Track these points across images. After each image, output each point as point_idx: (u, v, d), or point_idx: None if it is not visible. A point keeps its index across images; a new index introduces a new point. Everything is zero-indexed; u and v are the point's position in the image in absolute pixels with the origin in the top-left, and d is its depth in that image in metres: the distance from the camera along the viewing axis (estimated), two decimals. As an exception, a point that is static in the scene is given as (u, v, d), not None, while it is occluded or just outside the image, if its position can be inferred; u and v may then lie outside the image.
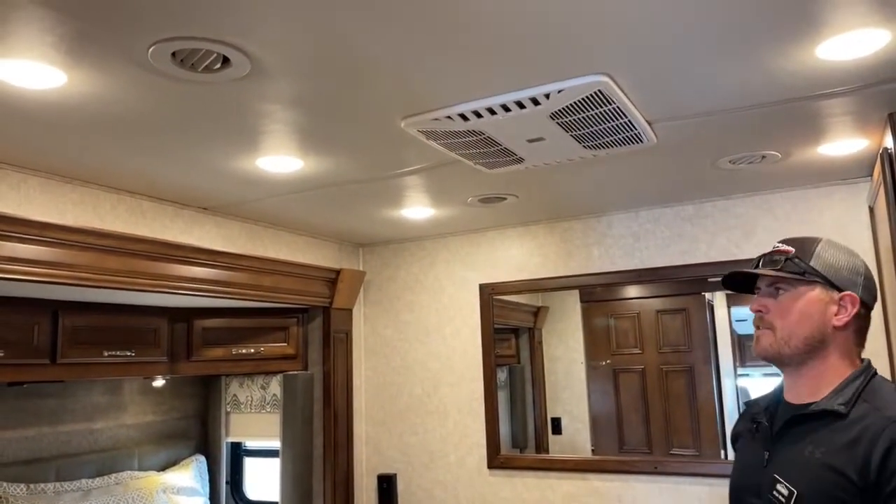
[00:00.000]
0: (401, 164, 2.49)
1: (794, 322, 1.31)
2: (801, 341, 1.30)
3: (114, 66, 1.61)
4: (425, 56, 1.63)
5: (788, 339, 1.31)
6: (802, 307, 1.30)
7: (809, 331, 1.30)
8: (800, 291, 1.31)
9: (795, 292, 1.32)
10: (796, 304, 1.31)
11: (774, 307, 1.34)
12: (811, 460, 1.24)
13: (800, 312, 1.31)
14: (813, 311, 1.30)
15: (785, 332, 1.32)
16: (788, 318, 1.31)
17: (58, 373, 2.71)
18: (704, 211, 3.24)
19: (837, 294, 1.30)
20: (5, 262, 2.09)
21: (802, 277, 1.31)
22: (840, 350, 1.31)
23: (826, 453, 1.22)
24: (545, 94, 1.85)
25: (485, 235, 3.77)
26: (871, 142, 2.40)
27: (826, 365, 1.31)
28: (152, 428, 3.46)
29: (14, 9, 1.34)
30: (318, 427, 3.52)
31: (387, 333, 4.00)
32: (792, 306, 1.31)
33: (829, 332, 1.30)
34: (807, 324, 1.30)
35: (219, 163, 2.37)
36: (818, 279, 1.30)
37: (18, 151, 2.18)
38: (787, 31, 1.57)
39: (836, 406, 1.25)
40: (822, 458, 1.23)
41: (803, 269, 1.31)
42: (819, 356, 1.31)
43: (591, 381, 4.50)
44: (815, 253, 1.32)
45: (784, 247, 1.35)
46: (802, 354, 1.31)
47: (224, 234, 3.14)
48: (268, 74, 1.69)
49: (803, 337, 1.30)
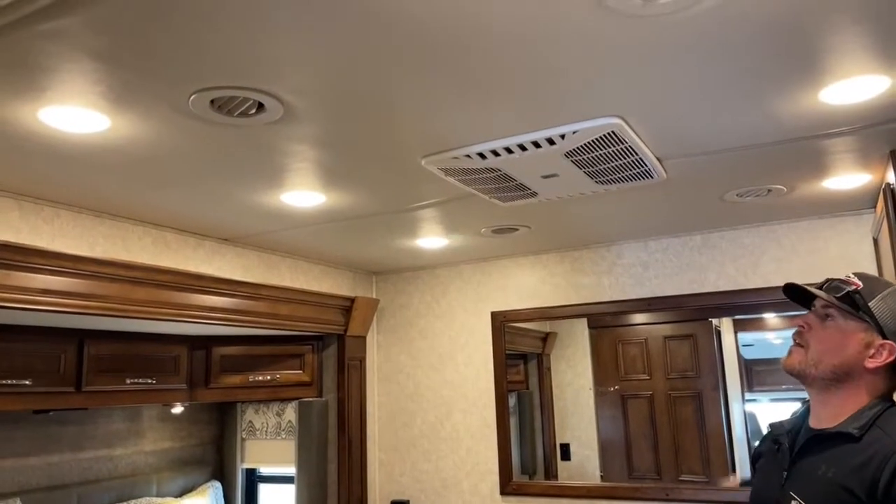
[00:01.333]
0: (419, 198, 2.58)
1: (829, 350, 1.37)
2: (829, 368, 1.36)
3: (155, 113, 1.71)
4: (447, 100, 1.72)
5: (818, 362, 1.38)
6: (842, 339, 1.36)
7: (840, 361, 1.36)
8: (847, 325, 1.37)
9: (843, 324, 1.37)
10: (838, 335, 1.37)
11: (818, 329, 1.40)
12: (824, 479, 1.31)
13: (838, 344, 1.37)
14: (850, 347, 1.36)
15: (816, 354, 1.38)
16: (825, 344, 1.38)
17: (82, 400, 2.78)
18: (712, 241, 3.31)
19: (880, 340, 1.34)
20: (39, 294, 2.17)
21: (855, 314, 1.36)
22: (868, 387, 1.36)
23: (838, 473, 1.29)
24: (561, 134, 1.94)
25: (497, 264, 3.85)
26: (873, 176, 2.48)
27: (850, 396, 1.36)
28: (170, 454, 3.51)
29: (69, 61, 1.44)
30: (333, 454, 3.57)
31: (400, 360, 4.06)
32: (833, 335, 1.38)
33: (858, 369, 1.35)
34: (839, 355, 1.36)
35: (246, 198, 2.46)
36: (868, 321, 1.35)
37: (56, 189, 2.28)
38: (792, 77, 1.66)
39: (851, 429, 1.31)
40: (834, 478, 1.30)
41: (860, 307, 1.36)
42: (844, 387, 1.36)
43: (599, 407, 4.53)
44: (879, 296, 1.36)
45: (854, 279, 1.39)
46: (828, 381, 1.37)
47: (243, 264, 3.23)
48: (298, 118, 1.78)
49: (832, 365, 1.36)
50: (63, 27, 1.31)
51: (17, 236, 2.27)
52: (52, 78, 1.51)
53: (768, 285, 3.13)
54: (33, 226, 2.35)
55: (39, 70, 1.47)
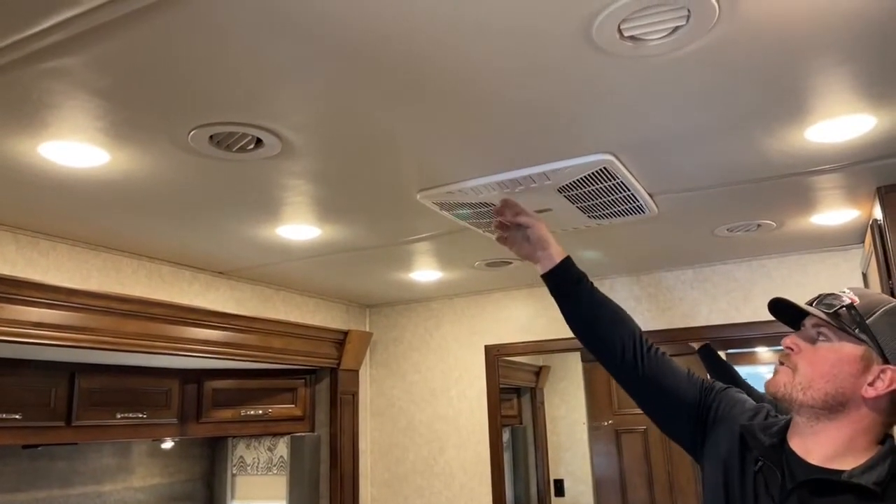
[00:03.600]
0: (413, 232, 2.60)
1: (820, 374, 1.16)
2: (820, 395, 1.16)
3: (155, 148, 1.73)
4: (443, 136, 1.75)
5: (807, 387, 1.17)
6: (836, 363, 1.16)
7: (833, 389, 1.15)
8: (841, 346, 1.16)
9: (837, 345, 1.17)
10: (830, 356, 1.17)
11: (807, 351, 1.20)
12: None
13: (831, 367, 1.16)
14: (845, 371, 1.15)
15: (805, 379, 1.18)
16: (815, 368, 1.17)
17: (72, 435, 2.75)
18: (704, 275, 3.34)
19: (880, 364, 1.13)
20: (33, 327, 2.17)
21: (851, 333, 1.15)
22: (864, 423, 1.16)
23: None
24: (554, 170, 1.97)
25: (490, 297, 3.86)
26: (861, 212, 2.52)
27: (843, 431, 1.16)
28: (159, 490, 3.46)
29: (71, 98, 1.47)
30: (325, 489, 3.53)
31: (393, 394, 4.04)
32: (825, 357, 1.17)
33: (855, 399, 1.15)
34: (832, 382, 1.15)
35: (242, 231, 2.48)
36: (867, 341, 1.14)
37: (53, 222, 2.30)
38: (778, 116, 1.70)
39: (870, 484, 1.09)
40: None
41: (856, 325, 1.15)
42: (838, 419, 1.16)
43: (593, 442, 4.51)
44: (879, 312, 1.15)
45: (850, 294, 1.19)
46: (817, 409, 1.17)
47: (237, 297, 3.23)
48: (296, 153, 1.81)
49: (823, 392, 1.15)
50: (66, 66, 1.34)
51: (13, 269, 2.28)
52: (53, 114, 1.53)
53: (760, 319, 3.15)
54: (29, 259, 2.35)
55: (42, 106, 1.50)
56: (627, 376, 1.47)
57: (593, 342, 1.53)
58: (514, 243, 1.69)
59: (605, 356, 1.50)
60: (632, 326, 1.50)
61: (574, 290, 1.56)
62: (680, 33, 1.29)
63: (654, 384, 1.43)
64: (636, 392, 1.47)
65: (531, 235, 1.62)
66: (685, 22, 1.26)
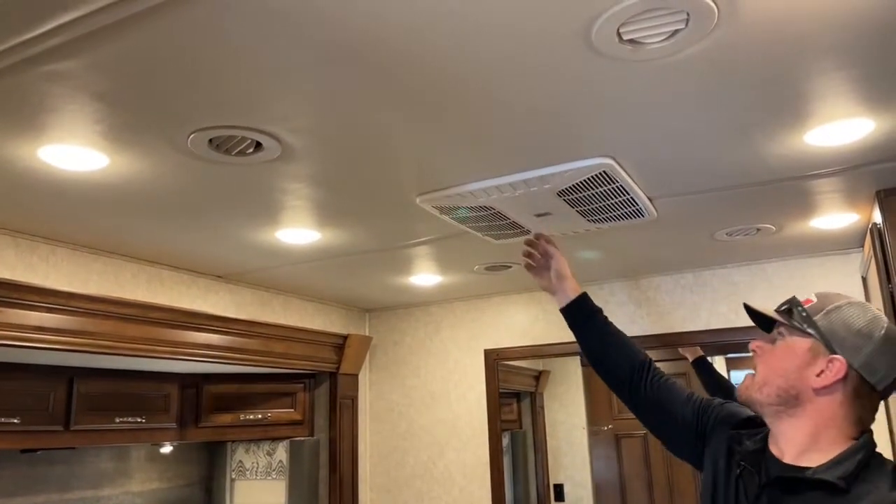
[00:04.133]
0: (413, 236, 2.60)
1: (772, 371, 1.24)
2: (773, 391, 1.22)
3: (154, 151, 1.73)
4: (443, 139, 1.75)
5: (762, 386, 1.24)
6: (783, 356, 1.23)
7: (785, 383, 1.21)
8: (792, 342, 1.23)
9: (789, 341, 1.24)
10: (781, 352, 1.24)
11: (767, 352, 1.27)
12: None
13: (780, 362, 1.23)
14: (791, 364, 1.21)
15: (761, 377, 1.25)
16: (769, 366, 1.25)
17: (71, 440, 2.74)
18: (703, 279, 3.34)
19: (827, 355, 1.19)
20: (33, 331, 2.17)
21: (800, 328, 1.22)
22: (823, 416, 1.19)
23: None
24: (553, 174, 1.97)
25: (490, 301, 3.86)
26: (860, 216, 2.52)
27: (804, 427, 1.20)
28: (157, 496, 3.44)
29: (71, 102, 1.47)
30: (324, 494, 3.51)
31: (392, 399, 4.03)
32: (777, 354, 1.25)
33: (806, 391, 1.20)
34: (783, 376, 1.22)
35: (241, 235, 2.48)
36: (814, 334, 1.20)
37: (53, 226, 2.30)
38: (777, 120, 1.70)
39: (836, 479, 1.12)
40: None
41: (804, 320, 1.22)
42: (795, 415, 1.21)
43: (593, 447, 4.50)
44: (828, 310, 1.22)
45: (811, 296, 1.26)
46: (774, 406, 1.23)
47: (237, 301, 3.22)
48: (296, 157, 1.81)
49: (776, 387, 1.22)
50: (66, 69, 1.34)
51: (12, 273, 2.27)
52: (53, 118, 1.53)
53: (760, 323, 3.14)
54: (28, 263, 2.35)
55: (41, 110, 1.50)
56: (631, 401, 1.62)
57: (602, 370, 1.69)
58: (538, 273, 1.89)
59: (613, 382, 1.67)
60: (639, 357, 1.64)
61: (588, 324, 1.73)
62: (679, 37, 1.29)
63: (656, 409, 1.57)
64: (641, 416, 1.62)
65: (553, 267, 1.83)
66: (684, 25, 1.26)
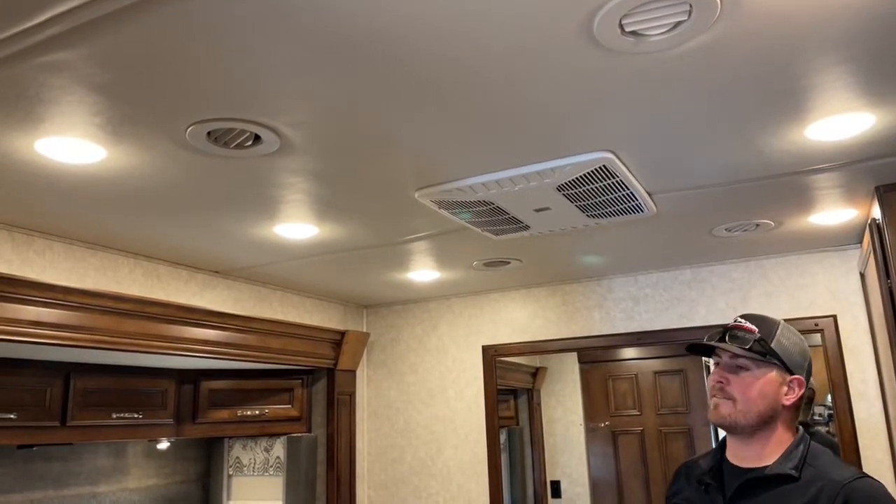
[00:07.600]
0: (411, 231, 2.59)
1: (753, 399, 1.44)
2: (756, 415, 1.44)
3: (152, 144, 1.72)
4: (442, 133, 1.74)
5: (746, 412, 1.45)
6: (762, 387, 1.45)
7: (765, 408, 1.44)
8: (761, 372, 1.45)
9: (757, 372, 1.45)
10: (756, 382, 1.45)
11: (735, 381, 1.47)
12: None
13: (759, 391, 1.45)
14: (769, 391, 1.45)
15: (743, 405, 1.45)
16: (748, 394, 1.45)
17: (67, 435, 2.73)
18: (702, 275, 3.34)
19: (789, 377, 1.45)
20: (29, 325, 2.15)
21: (764, 359, 1.45)
22: (785, 423, 1.47)
23: None
24: (553, 168, 1.96)
25: (488, 297, 3.85)
26: (859, 212, 2.52)
27: (772, 435, 1.46)
28: (155, 492, 3.43)
29: (68, 93, 1.46)
30: (321, 490, 3.51)
31: (390, 395, 4.02)
32: (753, 384, 1.45)
33: (779, 408, 1.45)
34: (763, 402, 1.44)
35: (239, 229, 2.47)
36: (776, 362, 1.45)
37: (49, 220, 2.28)
38: (778, 114, 1.70)
39: (788, 470, 1.39)
40: None
41: (765, 352, 1.45)
42: (768, 428, 1.46)
43: (590, 444, 4.51)
44: (775, 336, 1.46)
45: (748, 325, 1.48)
46: (755, 426, 1.45)
47: (234, 297, 3.21)
48: (295, 150, 1.80)
49: (758, 412, 1.44)
50: (64, 60, 1.33)
51: (8, 267, 2.26)
52: (50, 110, 1.52)
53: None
54: (25, 258, 2.34)
55: (38, 101, 1.49)
56: None
57: None
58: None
59: None
60: None
61: None
62: (681, 29, 1.29)
63: None
64: None
65: None
66: (687, 17, 1.25)
